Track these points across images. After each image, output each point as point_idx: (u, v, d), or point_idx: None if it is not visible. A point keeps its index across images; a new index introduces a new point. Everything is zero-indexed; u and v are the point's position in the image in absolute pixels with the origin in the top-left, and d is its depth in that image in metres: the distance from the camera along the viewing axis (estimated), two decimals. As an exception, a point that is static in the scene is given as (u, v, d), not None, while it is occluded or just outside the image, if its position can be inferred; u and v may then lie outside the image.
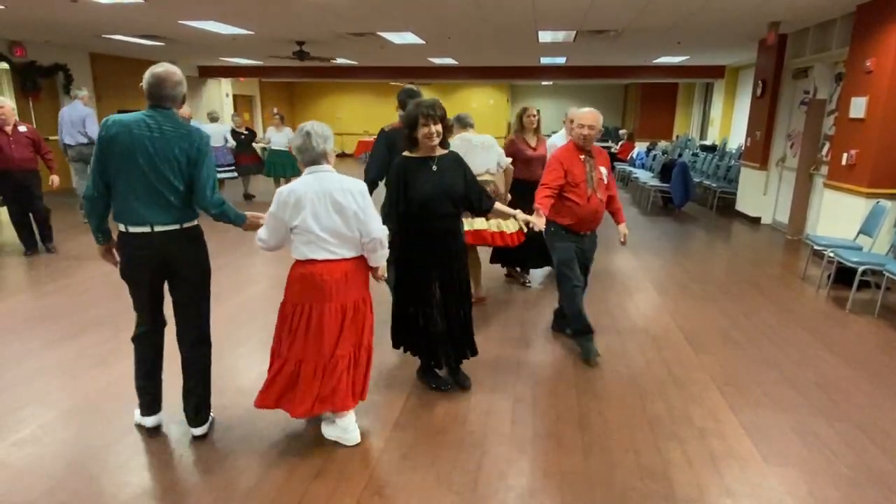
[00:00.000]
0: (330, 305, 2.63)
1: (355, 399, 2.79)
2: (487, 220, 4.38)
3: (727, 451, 2.79)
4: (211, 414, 2.96)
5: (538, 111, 5.11)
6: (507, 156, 5.06)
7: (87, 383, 3.38)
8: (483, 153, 4.49)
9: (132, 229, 2.58)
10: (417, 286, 3.13)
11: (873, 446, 2.85)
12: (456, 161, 3.10)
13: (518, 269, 5.48)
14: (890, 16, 5.37)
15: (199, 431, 2.86)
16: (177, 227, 2.61)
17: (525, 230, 3.09)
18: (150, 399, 2.86)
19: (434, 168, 3.01)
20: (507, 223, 4.57)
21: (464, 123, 4.66)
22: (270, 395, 2.73)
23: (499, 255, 5.37)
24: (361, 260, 2.74)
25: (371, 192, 4.19)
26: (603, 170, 3.67)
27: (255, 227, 2.78)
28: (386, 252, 2.77)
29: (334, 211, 2.57)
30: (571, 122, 3.95)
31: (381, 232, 2.68)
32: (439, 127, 2.94)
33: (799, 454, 2.78)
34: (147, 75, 2.54)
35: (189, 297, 2.77)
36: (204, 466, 2.64)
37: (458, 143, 4.35)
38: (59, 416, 3.03)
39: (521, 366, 3.69)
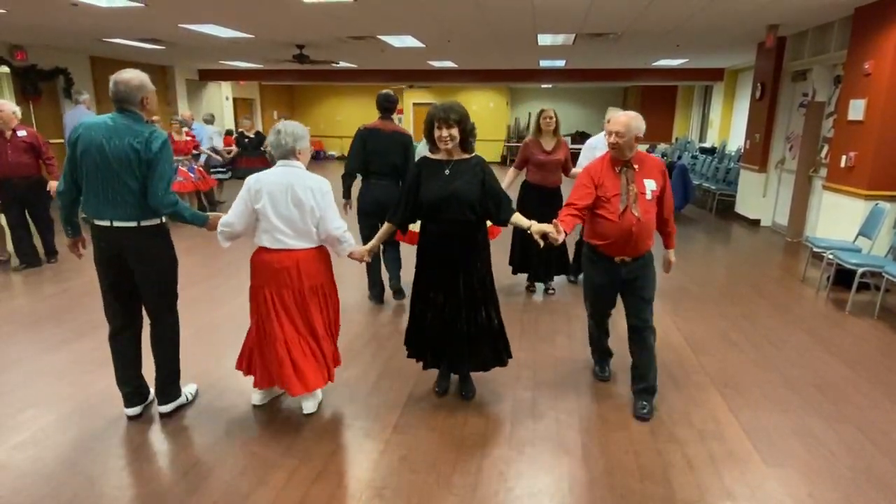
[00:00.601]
0: (287, 291, 2.88)
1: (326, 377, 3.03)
2: None
3: (727, 452, 2.80)
4: (186, 393, 3.13)
5: (555, 112, 4.91)
6: (520, 160, 5.05)
7: (88, 386, 3.39)
8: None
9: (96, 222, 2.76)
10: (422, 286, 3.15)
11: (873, 447, 2.85)
12: (476, 167, 3.03)
13: (528, 279, 5.34)
14: (888, 18, 5.39)
15: (163, 409, 3.00)
16: (134, 224, 2.74)
17: (541, 243, 2.92)
18: (127, 392, 3.01)
19: (447, 172, 3.00)
20: None
21: None
22: (243, 361, 3.05)
23: (518, 265, 5.25)
24: (319, 250, 2.95)
25: (350, 184, 4.60)
26: (649, 183, 3.04)
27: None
28: (346, 246, 2.97)
29: (293, 203, 2.80)
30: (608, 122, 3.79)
31: (338, 229, 2.89)
32: (454, 131, 2.92)
33: (799, 455, 2.78)
34: (110, 80, 2.73)
35: (149, 292, 2.90)
36: (204, 469, 2.64)
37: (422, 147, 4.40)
38: (60, 418, 3.04)
39: (520, 368, 3.69)
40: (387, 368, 3.66)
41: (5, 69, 9.80)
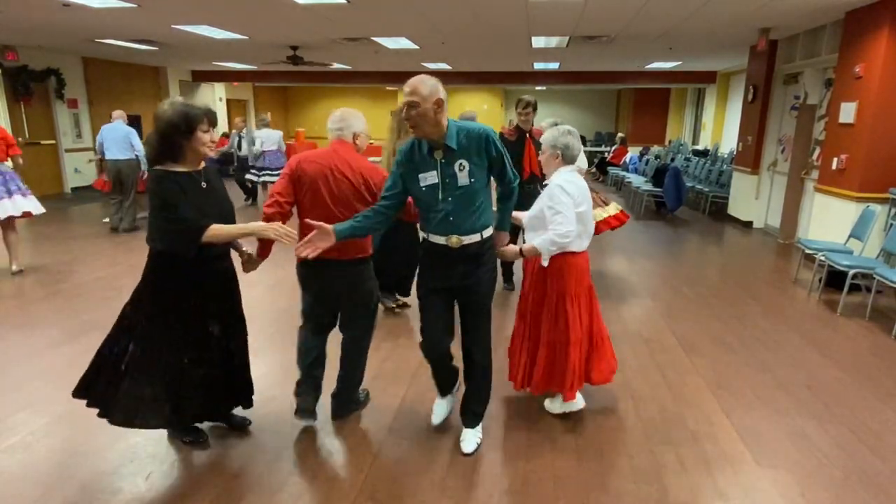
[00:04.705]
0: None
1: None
2: None
3: (720, 453, 2.81)
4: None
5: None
6: None
7: (79, 389, 3.36)
8: None
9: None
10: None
11: (864, 448, 2.87)
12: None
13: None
14: (878, 22, 5.44)
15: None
16: None
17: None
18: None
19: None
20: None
21: None
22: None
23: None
24: None
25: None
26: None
27: None
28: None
29: None
30: None
31: None
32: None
33: (791, 456, 2.79)
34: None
35: None
36: (198, 472, 2.62)
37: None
38: (51, 422, 3.01)
39: (514, 370, 3.68)
40: (381, 370, 3.65)
41: (-4, 70, 9.75)
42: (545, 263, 2.87)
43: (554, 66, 12.37)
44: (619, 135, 15.31)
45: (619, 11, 6.37)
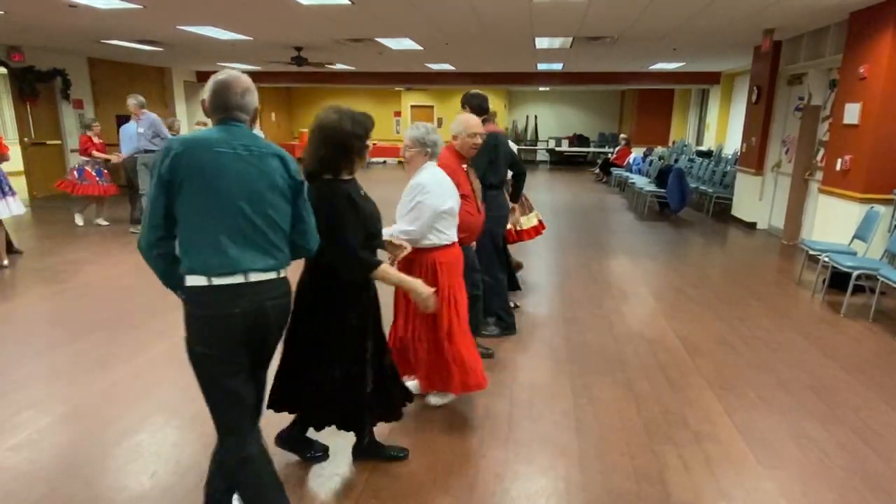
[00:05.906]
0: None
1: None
2: None
3: (722, 454, 2.81)
4: None
5: None
6: None
7: (84, 388, 3.38)
8: None
9: (217, 281, 1.88)
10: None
11: (867, 448, 2.87)
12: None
13: None
14: (882, 23, 5.43)
15: None
16: (273, 274, 1.99)
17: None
18: None
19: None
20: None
21: None
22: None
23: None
24: None
25: None
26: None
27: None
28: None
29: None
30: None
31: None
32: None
33: (794, 457, 2.79)
34: (211, 84, 2.03)
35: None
36: (202, 470, 2.63)
37: None
38: (56, 420, 3.03)
39: (517, 370, 3.70)
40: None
41: (2, 70, 9.81)
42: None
43: (557, 66, 12.37)
44: (623, 136, 15.30)
45: (623, 12, 6.37)
